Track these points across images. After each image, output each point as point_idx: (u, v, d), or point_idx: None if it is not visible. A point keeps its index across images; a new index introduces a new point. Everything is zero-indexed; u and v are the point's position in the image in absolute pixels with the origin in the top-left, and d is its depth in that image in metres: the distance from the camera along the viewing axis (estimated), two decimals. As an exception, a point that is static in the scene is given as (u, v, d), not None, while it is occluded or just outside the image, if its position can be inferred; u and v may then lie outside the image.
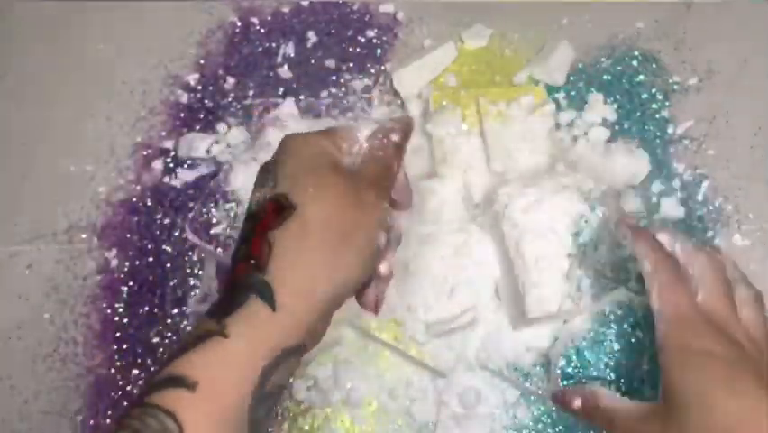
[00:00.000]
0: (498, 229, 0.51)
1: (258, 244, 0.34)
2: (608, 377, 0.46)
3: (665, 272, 0.41)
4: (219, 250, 0.53)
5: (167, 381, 0.31)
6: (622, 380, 0.46)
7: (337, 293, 0.35)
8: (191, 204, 0.60)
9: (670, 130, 0.63)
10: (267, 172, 0.37)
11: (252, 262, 0.34)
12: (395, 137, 0.41)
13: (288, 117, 0.60)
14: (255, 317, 0.33)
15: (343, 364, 0.53)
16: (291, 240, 0.34)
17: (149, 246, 0.59)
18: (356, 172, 0.38)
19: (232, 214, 0.54)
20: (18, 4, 0.70)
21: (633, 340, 0.47)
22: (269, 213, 0.35)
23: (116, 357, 0.56)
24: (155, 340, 0.56)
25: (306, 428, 0.53)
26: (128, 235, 0.60)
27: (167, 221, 0.60)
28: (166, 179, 0.62)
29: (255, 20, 0.69)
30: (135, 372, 0.55)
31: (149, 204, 0.61)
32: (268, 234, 0.34)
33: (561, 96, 0.64)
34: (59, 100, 0.66)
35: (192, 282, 0.58)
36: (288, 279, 0.33)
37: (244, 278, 0.33)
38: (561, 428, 0.52)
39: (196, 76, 0.66)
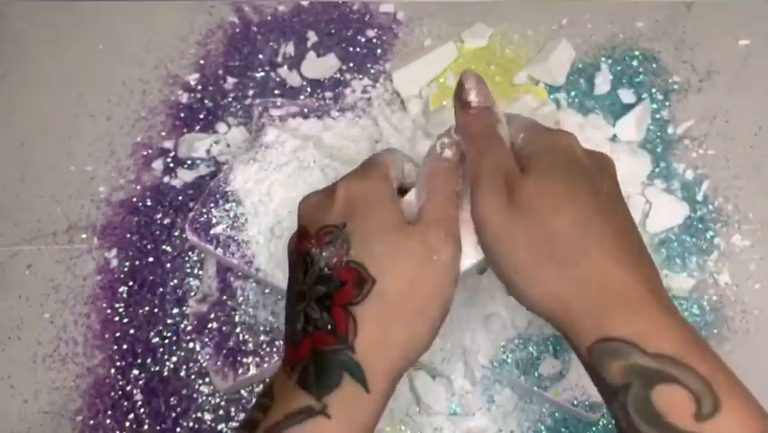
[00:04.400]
0: None
1: (342, 318, 0.33)
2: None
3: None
4: (219, 250, 0.53)
5: None
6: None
7: (411, 363, 0.35)
8: (191, 204, 0.60)
9: (670, 130, 0.63)
10: (335, 228, 0.35)
11: (337, 335, 0.33)
12: (447, 153, 0.38)
13: (287, 117, 0.60)
14: (352, 399, 0.32)
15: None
16: (374, 316, 0.33)
17: (149, 246, 0.59)
18: (419, 217, 0.36)
19: (232, 214, 0.54)
20: (18, 4, 0.70)
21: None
22: (350, 285, 0.34)
23: (116, 357, 0.56)
24: (155, 340, 0.56)
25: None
26: (128, 235, 0.60)
27: (167, 221, 0.60)
28: (166, 179, 0.62)
29: (255, 20, 0.69)
30: (135, 372, 0.55)
31: (149, 204, 0.61)
32: (350, 308, 0.33)
33: (561, 95, 0.64)
34: (58, 100, 0.66)
35: (192, 282, 0.58)
36: (374, 359, 0.33)
37: (332, 354, 0.33)
38: (562, 429, 0.52)
39: (196, 76, 0.67)
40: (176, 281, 0.58)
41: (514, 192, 0.34)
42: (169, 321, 0.57)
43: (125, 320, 0.57)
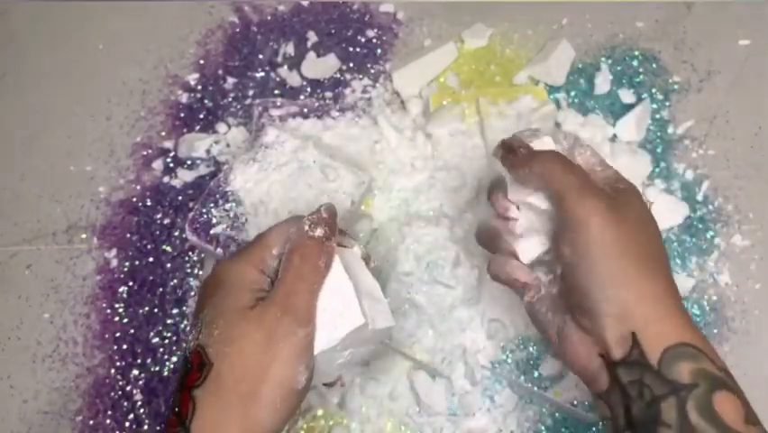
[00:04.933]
0: None
1: (185, 402, 0.35)
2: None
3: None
4: (219, 250, 0.53)
5: None
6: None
7: None
8: (191, 204, 0.60)
9: (670, 130, 0.63)
10: (198, 313, 0.38)
11: (179, 418, 0.35)
12: (318, 232, 0.39)
13: (287, 117, 0.60)
14: None
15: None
16: (210, 399, 0.35)
17: (148, 246, 0.59)
18: (269, 299, 0.37)
19: (232, 214, 0.54)
20: (18, 5, 0.70)
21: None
22: (194, 367, 0.36)
23: (116, 357, 0.56)
24: (155, 340, 0.56)
25: (305, 427, 0.53)
26: (128, 235, 0.60)
27: (167, 221, 0.60)
28: (166, 179, 0.62)
29: (255, 20, 0.69)
30: (135, 372, 0.55)
31: (148, 204, 0.61)
32: (192, 391, 0.35)
33: (561, 95, 0.64)
34: (59, 100, 0.66)
35: (192, 282, 0.58)
36: None
37: None
38: (563, 429, 0.52)
39: (196, 76, 0.67)
40: (176, 281, 0.58)
41: (618, 208, 0.37)
42: (168, 321, 0.56)
43: (125, 320, 0.57)
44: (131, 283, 0.58)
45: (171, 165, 0.62)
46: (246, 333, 0.36)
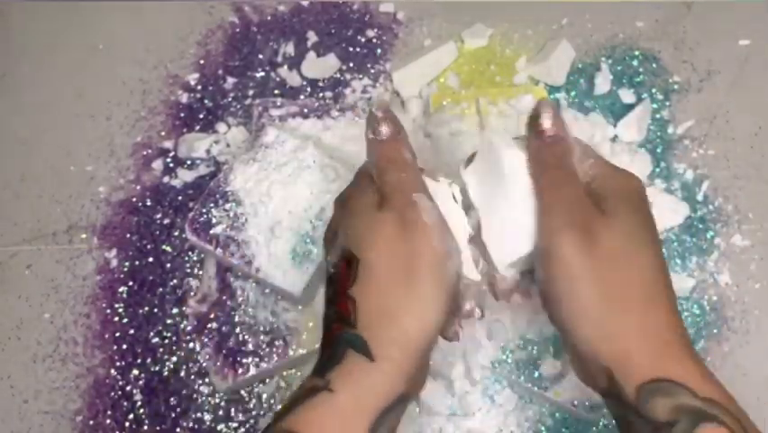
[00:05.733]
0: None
1: (344, 303, 0.35)
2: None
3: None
4: (219, 250, 0.53)
5: None
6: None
7: (425, 332, 0.35)
8: (191, 204, 0.60)
9: (670, 130, 0.63)
10: (332, 235, 0.38)
11: (343, 320, 0.35)
12: (383, 131, 0.38)
13: (287, 117, 0.60)
14: (357, 371, 0.33)
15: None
16: (368, 291, 0.35)
17: (148, 246, 0.59)
18: (381, 195, 0.37)
19: (231, 214, 0.54)
20: (18, 5, 0.70)
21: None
22: (343, 271, 0.36)
23: (116, 357, 0.56)
24: (155, 340, 0.56)
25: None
26: (128, 235, 0.60)
27: (167, 221, 0.60)
28: (166, 179, 0.62)
29: (255, 20, 0.69)
30: (135, 372, 0.55)
31: (148, 204, 0.61)
32: (348, 292, 0.35)
33: (561, 95, 0.64)
34: (59, 100, 0.66)
35: (192, 282, 0.58)
36: (376, 329, 0.34)
37: (338, 336, 0.34)
38: (562, 429, 0.52)
39: (196, 76, 0.67)
40: (175, 281, 0.58)
41: (593, 234, 0.35)
42: (168, 321, 0.57)
43: (125, 320, 0.57)
44: (131, 283, 0.58)
45: (171, 165, 0.62)
46: (383, 218, 0.36)
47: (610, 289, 0.34)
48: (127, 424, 0.53)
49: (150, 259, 0.59)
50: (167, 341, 0.56)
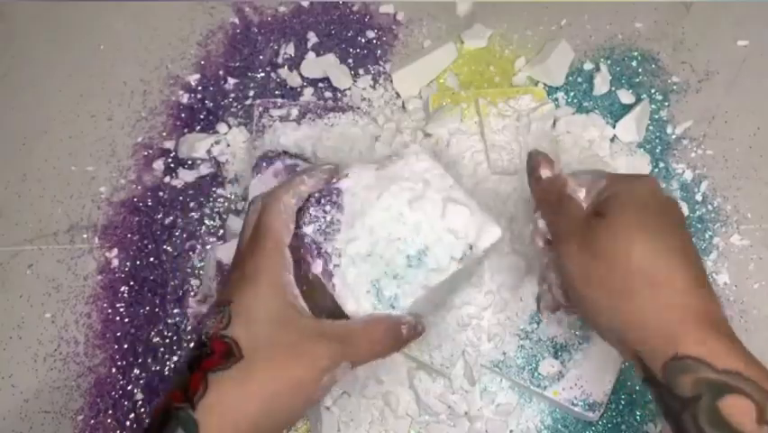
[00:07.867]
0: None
1: (196, 380, 0.35)
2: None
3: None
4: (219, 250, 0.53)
5: None
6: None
7: None
8: (192, 204, 0.60)
9: (669, 130, 0.63)
10: (223, 305, 0.38)
11: (187, 395, 0.35)
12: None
13: (287, 118, 0.60)
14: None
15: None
16: (230, 383, 0.35)
17: (150, 246, 0.59)
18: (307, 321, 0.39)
19: (329, 218, 0.47)
20: (18, 4, 0.70)
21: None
22: (217, 355, 0.36)
23: (117, 357, 0.56)
24: (155, 340, 0.56)
25: (301, 425, 0.53)
26: (129, 235, 0.60)
27: (167, 221, 0.60)
28: (166, 180, 0.62)
29: (255, 20, 0.69)
30: (136, 371, 0.55)
31: (149, 204, 0.61)
32: (208, 374, 0.35)
33: (560, 95, 0.64)
34: (59, 100, 0.66)
35: (192, 282, 0.58)
36: (216, 421, 0.34)
37: (176, 409, 0.35)
38: (562, 429, 0.52)
39: (197, 76, 0.67)
40: (176, 281, 0.58)
41: (585, 237, 0.39)
42: (169, 321, 0.57)
43: (126, 320, 0.57)
44: (132, 283, 0.58)
45: (172, 165, 0.63)
46: (290, 342, 0.37)
47: (606, 281, 0.38)
48: (128, 423, 0.54)
49: (152, 259, 0.59)
50: (168, 341, 0.56)
